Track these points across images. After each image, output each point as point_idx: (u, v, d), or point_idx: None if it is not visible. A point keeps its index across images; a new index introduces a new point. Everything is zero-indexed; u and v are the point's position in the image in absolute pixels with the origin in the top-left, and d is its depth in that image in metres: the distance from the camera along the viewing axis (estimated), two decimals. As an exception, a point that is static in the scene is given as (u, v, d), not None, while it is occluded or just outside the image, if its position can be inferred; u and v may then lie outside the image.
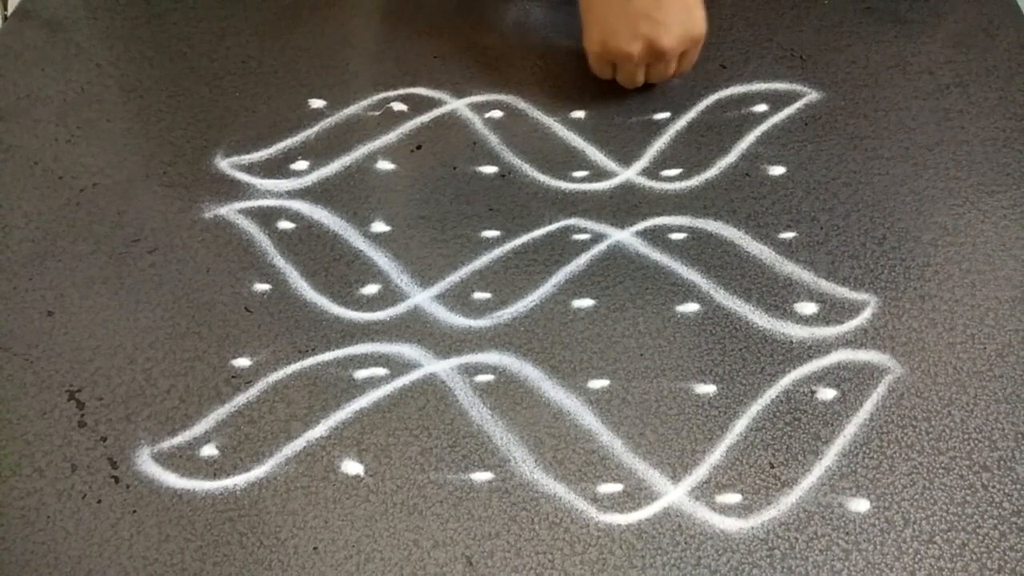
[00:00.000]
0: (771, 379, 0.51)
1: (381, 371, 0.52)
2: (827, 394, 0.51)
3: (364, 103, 0.67)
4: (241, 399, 0.51)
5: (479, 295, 0.56)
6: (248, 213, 0.60)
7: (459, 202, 0.61)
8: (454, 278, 0.57)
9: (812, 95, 0.67)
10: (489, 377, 0.52)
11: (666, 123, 0.65)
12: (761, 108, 0.66)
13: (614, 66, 0.64)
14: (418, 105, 0.67)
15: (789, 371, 0.52)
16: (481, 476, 0.48)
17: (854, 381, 0.51)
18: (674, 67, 0.64)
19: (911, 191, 0.61)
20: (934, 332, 0.53)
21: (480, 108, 0.66)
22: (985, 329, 0.53)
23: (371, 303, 0.55)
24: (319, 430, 0.50)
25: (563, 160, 0.63)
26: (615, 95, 0.66)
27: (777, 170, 0.62)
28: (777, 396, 0.51)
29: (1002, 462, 0.48)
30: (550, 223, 0.59)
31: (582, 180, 0.62)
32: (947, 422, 0.49)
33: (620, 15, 0.60)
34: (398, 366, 0.52)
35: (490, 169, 0.63)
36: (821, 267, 0.56)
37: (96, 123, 0.66)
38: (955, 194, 0.60)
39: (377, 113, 0.66)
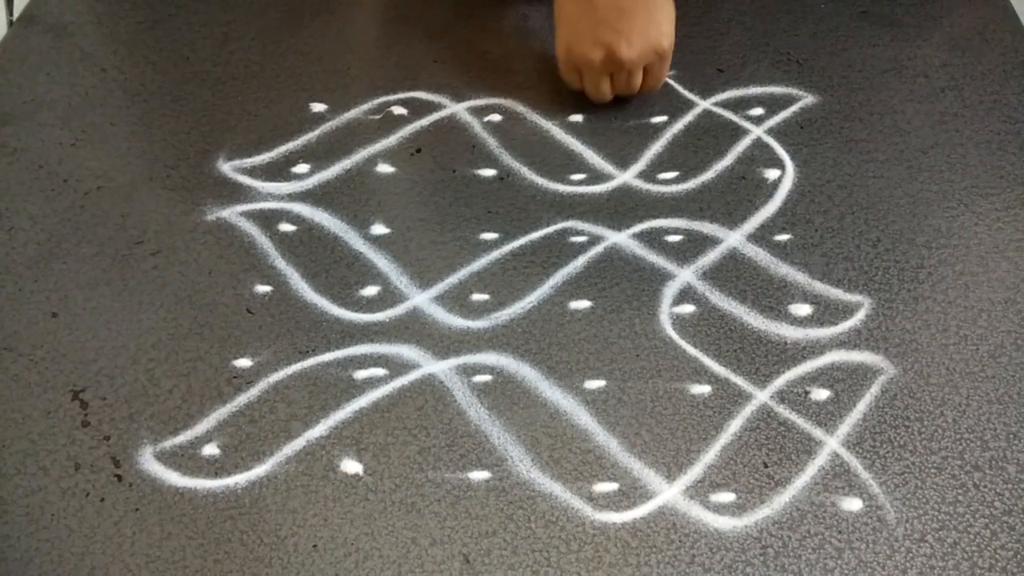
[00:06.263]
0: (765, 379, 0.52)
1: (380, 371, 0.53)
2: (821, 394, 0.51)
3: (364, 107, 0.68)
4: (242, 399, 0.52)
5: (477, 296, 0.56)
6: (250, 216, 0.61)
7: (458, 205, 0.62)
8: (453, 280, 0.57)
9: (808, 99, 0.67)
10: (487, 377, 0.52)
11: (663, 127, 0.66)
12: (757, 111, 0.67)
13: (581, 75, 0.64)
14: (418, 109, 0.67)
15: (783, 371, 0.52)
16: (478, 475, 0.49)
17: (847, 382, 0.52)
18: (639, 80, 0.64)
19: (906, 194, 0.61)
20: (927, 333, 0.54)
21: (479, 112, 0.67)
22: (978, 330, 0.54)
23: (371, 304, 0.56)
24: (319, 430, 0.50)
25: (561, 163, 0.64)
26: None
27: (773, 173, 0.63)
28: (771, 396, 0.51)
29: (993, 462, 0.48)
30: (548, 225, 0.60)
31: (580, 183, 0.63)
32: (939, 422, 0.50)
33: (585, 22, 0.61)
34: (397, 366, 0.53)
35: (489, 172, 0.63)
36: (815, 269, 0.57)
37: (100, 127, 0.67)
38: (949, 197, 0.61)
39: (377, 117, 0.67)
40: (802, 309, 0.55)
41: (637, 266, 0.58)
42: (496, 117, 0.67)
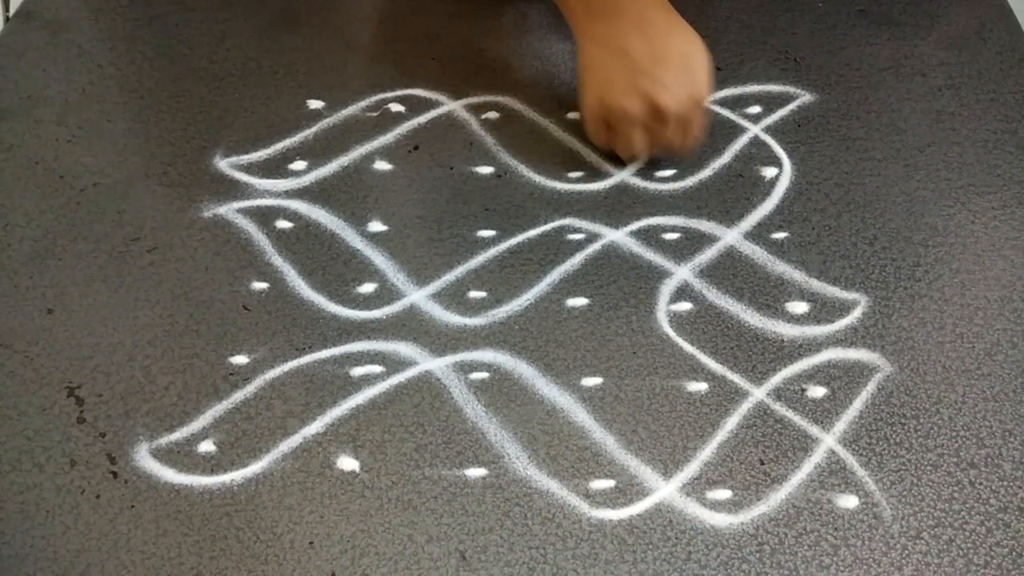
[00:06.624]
0: (762, 377, 0.52)
1: (377, 368, 0.53)
2: (817, 392, 0.51)
3: (362, 104, 0.68)
4: (239, 396, 0.52)
5: (474, 294, 0.56)
6: (246, 212, 0.61)
7: (455, 202, 0.61)
8: (450, 277, 0.57)
9: (806, 97, 0.68)
10: (484, 375, 0.52)
11: (660, 124, 0.66)
12: (755, 110, 0.67)
13: (613, 131, 0.60)
14: (415, 106, 0.67)
15: (780, 369, 0.52)
16: (475, 472, 0.49)
17: (844, 379, 0.52)
18: (676, 134, 0.58)
19: (902, 192, 0.61)
20: (924, 331, 0.54)
21: (477, 109, 0.67)
22: (974, 328, 0.54)
23: (368, 301, 0.56)
24: (315, 427, 0.50)
25: (559, 161, 0.64)
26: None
27: (770, 171, 0.63)
28: (768, 394, 0.51)
29: (989, 459, 0.48)
30: (545, 223, 0.60)
31: (577, 180, 0.63)
32: (935, 420, 0.50)
33: (618, 70, 0.57)
34: (394, 364, 0.53)
35: (486, 169, 0.63)
36: (812, 267, 0.57)
37: (97, 123, 0.66)
38: (946, 195, 0.61)
39: (375, 114, 0.67)
40: (799, 307, 0.55)
41: (634, 264, 0.58)
42: (493, 114, 0.67)
